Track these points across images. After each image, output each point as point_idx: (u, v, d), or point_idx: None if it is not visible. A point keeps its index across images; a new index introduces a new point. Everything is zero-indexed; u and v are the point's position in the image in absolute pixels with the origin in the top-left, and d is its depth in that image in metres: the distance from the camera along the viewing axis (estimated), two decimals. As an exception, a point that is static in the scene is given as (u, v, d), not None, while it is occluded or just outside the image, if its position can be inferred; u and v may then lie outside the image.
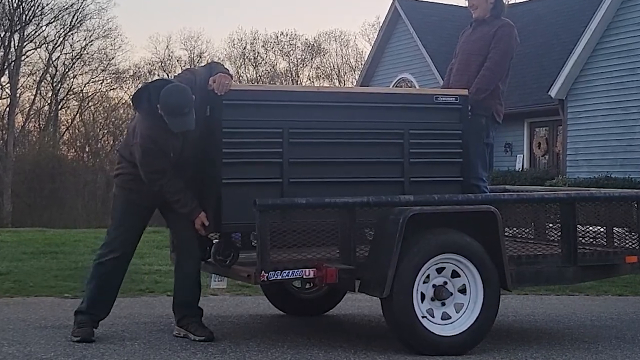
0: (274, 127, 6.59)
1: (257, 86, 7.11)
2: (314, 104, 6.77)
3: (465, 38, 7.70)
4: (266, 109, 6.59)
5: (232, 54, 60.24)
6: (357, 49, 67.20)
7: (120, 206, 6.78)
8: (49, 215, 38.22)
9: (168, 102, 6.29)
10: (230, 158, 6.45)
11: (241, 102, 6.52)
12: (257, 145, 6.54)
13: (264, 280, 6.14)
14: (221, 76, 6.46)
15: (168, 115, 6.30)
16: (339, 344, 6.68)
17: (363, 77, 30.54)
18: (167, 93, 6.32)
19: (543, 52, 25.12)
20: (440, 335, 6.35)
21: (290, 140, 6.61)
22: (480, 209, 6.55)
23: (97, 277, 6.72)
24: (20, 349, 6.31)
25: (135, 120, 6.67)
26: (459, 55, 7.65)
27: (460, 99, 7.17)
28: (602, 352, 6.72)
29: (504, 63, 7.37)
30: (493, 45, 7.35)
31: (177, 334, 6.80)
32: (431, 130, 7.07)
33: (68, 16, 48.21)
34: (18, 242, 13.52)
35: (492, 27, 7.44)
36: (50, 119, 50.31)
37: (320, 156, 6.73)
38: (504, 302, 7.45)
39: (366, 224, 6.64)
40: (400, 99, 7.11)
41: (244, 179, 6.49)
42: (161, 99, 6.32)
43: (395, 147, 6.97)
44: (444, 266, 6.43)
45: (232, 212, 6.43)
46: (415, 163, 6.99)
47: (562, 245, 6.97)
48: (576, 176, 20.78)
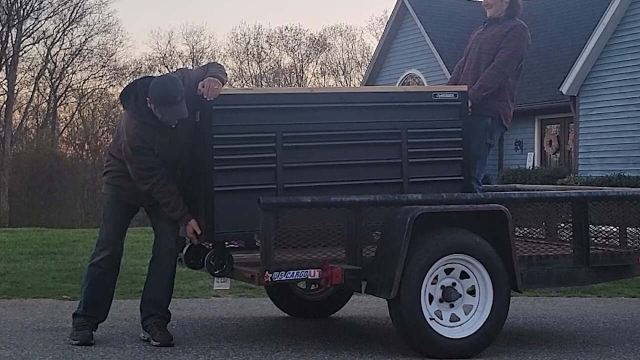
0: (267, 131, 6.45)
1: (248, 90, 7.01)
2: (307, 106, 6.63)
3: (476, 37, 7.62)
4: (258, 112, 6.46)
5: (235, 50, 60.40)
6: (363, 44, 67.36)
7: (108, 203, 6.72)
8: (47, 214, 38.23)
9: (159, 92, 6.21)
10: (222, 165, 6.32)
11: (232, 106, 6.39)
12: (250, 151, 6.41)
13: (268, 281, 6.06)
14: (210, 80, 6.32)
15: (160, 105, 6.22)
16: (344, 347, 6.61)
17: (370, 73, 30.49)
18: (157, 83, 6.26)
19: (554, 47, 25.01)
20: (448, 338, 6.27)
21: (284, 144, 6.47)
22: (490, 209, 6.46)
23: (92, 279, 6.63)
24: (17, 352, 6.24)
25: (124, 119, 6.59)
26: (470, 54, 7.57)
27: (460, 95, 7.05)
28: (614, 356, 6.63)
29: (512, 63, 7.27)
30: (503, 45, 7.27)
31: (142, 337, 6.66)
32: (430, 128, 6.95)
33: (67, 10, 48.05)
34: (15, 243, 13.44)
35: (504, 27, 7.36)
36: (48, 116, 50.38)
37: (315, 160, 6.60)
38: (514, 303, 7.39)
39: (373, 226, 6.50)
40: (397, 98, 6.97)
41: (236, 186, 6.36)
42: (151, 90, 6.25)
43: (393, 148, 6.85)
44: (453, 267, 6.35)
45: (225, 221, 6.32)
46: (414, 163, 6.87)
47: (574, 245, 6.90)
48: (588, 174, 20.68)
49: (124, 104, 6.51)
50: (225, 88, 6.42)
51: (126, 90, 6.51)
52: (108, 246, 6.62)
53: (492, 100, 7.22)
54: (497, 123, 7.31)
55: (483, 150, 7.29)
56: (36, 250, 12.39)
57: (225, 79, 6.45)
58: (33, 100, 50.52)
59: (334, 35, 67.06)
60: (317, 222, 6.26)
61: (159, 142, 6.38)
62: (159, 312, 6.65)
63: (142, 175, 6.40)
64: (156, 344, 6.45)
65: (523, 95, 24.30)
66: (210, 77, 6.34)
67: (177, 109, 6.23)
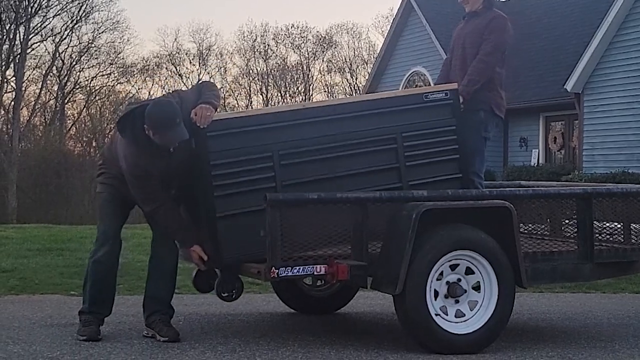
0: (263, 151, 6.44)
1: (240, 113, 6.94)
2: (300, 122, 6.60)
3: (458, 32, 7.68)
4: (252, 134, 6.44)
5: (241, 47, 60.24)
6: (369, 41, 66.77)
7: (104, 200, 6.73)
8: (54, 211, 38.25)
9: (157, 117, 6.21)
10: (221, 191, 6.31)
11: (225, 131, 6.36)
12: (248, 173, 6.39)
13: (274, 277, 6.08)
14: (202, 108, 6.31)
15: (160, 129, 6.21)
16: (350, 343, 6.62)
17: (375, 71, 30.47)
18: (154, 108, 6.25)
19: (559, 44, 25.00)
20: (453, 333, 6.29)
21: (281, 162, 6.48)
22: (495, 205, 6.46)
23: (95, 276, 6.64)
24: (25, 347, 6.27)
25: (121, 144, 6.53)
26: (455, 51, 7.63)
27: (450, 93, 7.07)
28: (618, 351, 6.64)
29: (497, 54, 7.31)
30: (485, 37, 7.31)
31: (146, 334, 6.67)
32: (424, 130, 6.95)
33: (75, 8, 47.91)
34: (23, 239, 13.47)
35: (484, 19, 7.41)
36: (56, 113, 50.35)
37: (314, 174, 6.59)
38: (518, 299, 7.40)
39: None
40: (389, 103, 6.95)
41: (238, 209, 6.35)
42: (149, 115, 6.23)
43: (390, 153, 6.85)
44: (458, 263, 6.37)
45: (232, 245, 6.33)
46: (411, 166, 6.89)
47: (579, 241, 6.90)
48: (592, 171, 20.67)
49: (121, 132, 6.46)
50: (217, 113, 6.41)
51: (123, 119, 6.47)
52: (106, 241, 6.62)
53: (482, 92, 7.23)
54: (490, 114, 7.33)
55: (480, 144, 7.30)
56: (44, 247, 12.42)
57: (217, 103, 6.45)
58: (41, 98, 50.54)
59: (340, 32, 66.83)
60: (323, 219, 6.28)
61: (158, 167, 6.38)
62: (162, 308, 6.67)
63: (144, 199, 6.46)
64: (164, 339, 6.47)
65: (528, 92, 24.32)
66: (203, 104, 6.34)
67: (177, 132, 6.21)
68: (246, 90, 59.46)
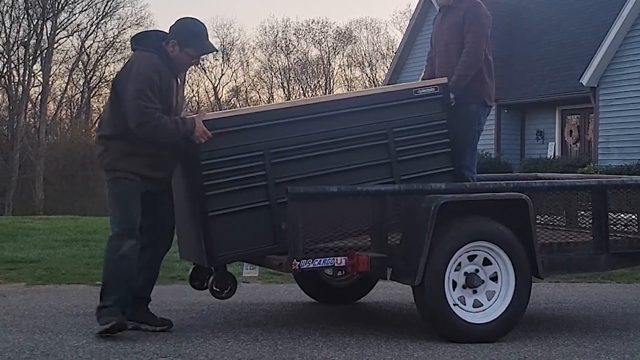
0: (254, 150, 6.44)
1: (229, 112, 6.92)
2: (290, 120, 6.59)
3: (437, 28, 7.68)
4: (242, 133, 6.43)
5: (263, 42, 60.54)
6: (388, 36, 67.25)
7: (118, 195, 6.40)
8: (80, 202, 38.43)
9: (191, 30, 6.42)
10: (213, 190, 6.32)
11: (216, 131, 6.36)
12: (239, 172, 6.39)
13: (295, 268, 6.16)
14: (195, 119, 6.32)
15: (195, 39, 6.40)
16: (370, 332, 6.69)
17: (394, 66, 30.49)
18: (185, 23, 6.48)
19: (574, 39, 24.98)
20: (471, 323, 6.36)
21: (272, 160, 6.48)
22: (512, 197, 6.51)
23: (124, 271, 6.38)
24: (51, 336, 6.35)
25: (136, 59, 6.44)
26: (436, 47, 7.62)
27: (440, 87, 7.06)
28: (633, 340, 6.69)
29: (482, 45, 7.30)
30: (467, 29, 7.30)
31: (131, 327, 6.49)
32: (415, 125, 6.94)
33: (101, 4, 48.67)
34: (50, 230, 13.62)
35: (459, 12, 7.40)
36: (82, 107, 50.69)
37: (305, 171, 6.58)
38: (535, 289, 7.41)
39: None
40: (379, 99, 6.92)
41: (230, 208, 6.37)
42: (181, 31, 6.41)
43: (381, 149, 6.84)
44: (476, 254, 6.43)
45: (224, 244, 6.36)
46: (403, 161, 6.89)
47: (594, 232, 6.94)
48: (608, 164, 20.69)
49: (140, 44, 6.45)
50: (207, 113, 6.48)
51: (139, 35, 6.59)
52: (137, 235, 6.38)
53: (473, 85, 7.24)
54: (482, 107, 7.37)
55: (471, 138, 7.33)
56: (70, 238, 12.56)
57: None
58: (67, 92, 51.00)
59: (359, 28, 67.10)
60: (343, 212, 6.35)
61: (169, 85, 6.35)
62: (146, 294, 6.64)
63: (143, 109, 6.18)
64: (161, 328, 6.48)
65: (544, 86, 24.36)
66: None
67: (211, 43, 6.48)
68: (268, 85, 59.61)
